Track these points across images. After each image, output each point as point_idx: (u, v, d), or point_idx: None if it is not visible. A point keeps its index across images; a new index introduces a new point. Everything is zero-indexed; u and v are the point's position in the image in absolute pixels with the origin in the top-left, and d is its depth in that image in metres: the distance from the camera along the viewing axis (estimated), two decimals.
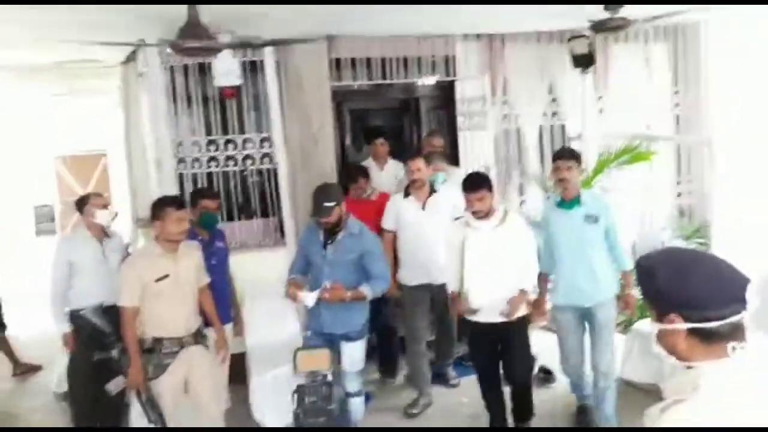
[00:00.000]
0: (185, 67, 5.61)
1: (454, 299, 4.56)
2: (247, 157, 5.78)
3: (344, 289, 4.13)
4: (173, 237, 4.08)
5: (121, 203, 6.10)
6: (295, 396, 2.94)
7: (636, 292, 4.30)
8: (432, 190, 5.22)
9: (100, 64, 6.35)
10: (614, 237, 4.57)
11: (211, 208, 4.67)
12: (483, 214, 4.30)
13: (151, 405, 4.03)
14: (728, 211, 5.98)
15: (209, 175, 5.71)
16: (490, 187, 4.35)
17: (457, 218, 4.74)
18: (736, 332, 1.59)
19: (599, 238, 4.51)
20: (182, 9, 3.92)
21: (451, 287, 4.55)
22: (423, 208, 5.16)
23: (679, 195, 7.44)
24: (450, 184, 5.38)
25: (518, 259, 4.39)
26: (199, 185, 5.63)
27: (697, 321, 1.59)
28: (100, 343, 4.20)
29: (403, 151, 7.97)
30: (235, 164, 5.75)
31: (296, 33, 5.52)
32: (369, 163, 6.12)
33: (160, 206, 4.12)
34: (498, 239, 4.33)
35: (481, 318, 4.45)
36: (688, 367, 1.64)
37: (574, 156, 4.58)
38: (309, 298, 4.13)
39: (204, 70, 5.56)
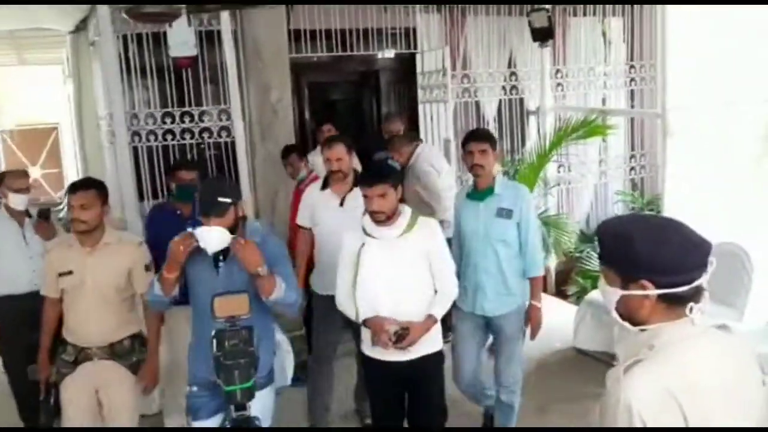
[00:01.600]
0: (139, 37, 5.27)
1: (368, 321, 3.32)
2: (204, 130, 5.49)
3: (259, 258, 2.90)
4: (75, 227, 3.37)
5: (73, 178, 5.78)
6: (214, 341, 2.59)
7: (540, 304, 3.84)
8: (356, 183, 4.10)
9: (49, 33, 5.98)
10: (528, 235, 3.81)
11: (186, 179, 4.23)
12: (384, 218, 3.23)
13: (47, 407, 3.55)
14: (679, 185, 5.91)
15: (165, 148, 5.40)
16: (396, 181, 3.27)
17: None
18: (697, 295, 1.63)
19: (512, 235, 3.79)
20: None
21: (350, 312, 3.37)
22: (341, 204, 4.17)
23: (632, 169, 7.44)
24: None
25: (427, 279, 3.35)
26: (154, 159, 5.35)
27: (666, 286, 1.60)
28: (33, 326, 3.67)
29: (362, 126, 7.88)
30: (192, 137, 5.45)
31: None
32: (316, 155, 5.30)
33: (68, 191, 3.50)
34: (402, 252, 3.29)
35: (377, 353, 3.39)
36: (642, 330, 1.67)
37: (488, 138, 3.82)
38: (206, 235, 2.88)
39: (159, 40, 5.22)
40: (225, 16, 5.39)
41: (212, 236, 2.83)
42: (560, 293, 7.02)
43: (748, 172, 5.24)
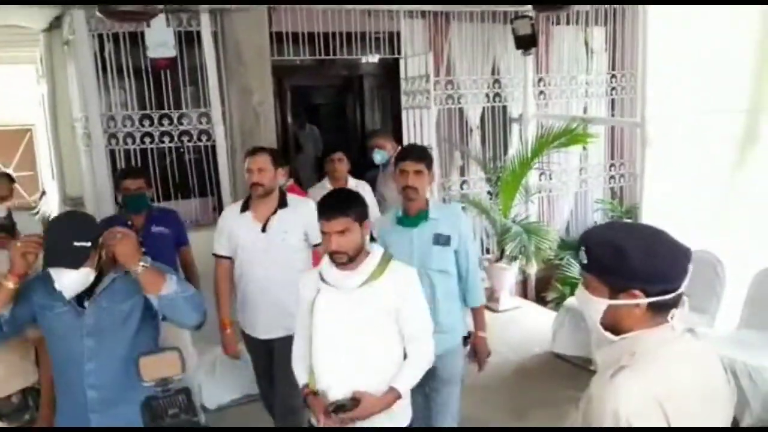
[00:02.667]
0: (115, 36, 5.02)
1: (307, 397, 2.70)
2: (183, 133, 5.25)
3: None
4: None
5: (48, 181, 5.52)
6: (147, 411, 2.00)
7: (485, 334, 3.49)
8: (282, 203, 3.62)
9: (22, 31, 5.67)
10: (468, 262, 3.39)
11: (131, 188, 3.95)
12: (346, 260, 2.55)
13: None
14: (656, 193, 5.98)
15: (143, 151, 5.16)
16: (360, 215, 2.58)
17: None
18: (679, 300, 1.65)
19: (451, 264, 3.35)
20: None
21: (300, 377, 2.78)
22: (263, 229, 3.56)
23: (612, 177, 7.42)
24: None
25: (396, 341, 2.67)
26: (133, 162, 5.11)
27: (656, 295, 1.61)
28: None
29: (346, 131, 7.69)
30: (171, 140, 5.21)
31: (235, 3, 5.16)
32: (322, 185, 4.85)
33: None
34: (365, 306, 2.59)
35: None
36: (622, 339, 1.67)
37: (425, 157, 3.34)
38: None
39: (136, 40, 5.01)
40: (205, 16, 5.21)
41: (70, 278, 2.26)
42: (540, 299, 7.00)
43: (724, 181, 5.23)
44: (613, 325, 1.67)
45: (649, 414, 1.54)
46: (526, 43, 6.25)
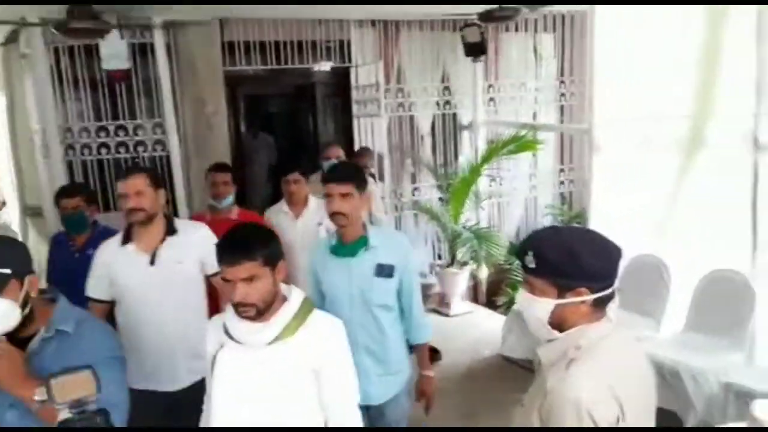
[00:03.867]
0: (71, 49, 5.43)
1: None
2: (139, 143, 5.68)
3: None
4: None
5: (8, 193, 5.87)
6: None
7: (431, 372, 3.36)
8: (170, 229, 3.28)
9: None
10: (412, 295, 3.18)
11: (68, 207, 3.99)
12: (253, 313, 2.22)
13: None
14: (603, 198, 6.18)
15: (100, 162, 5.57)
16: (269, 256, 2.24)
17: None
18: (614, 294, 1.90)
19: (392, 299, 3.15)
20: None
21: None
22: (152, 261, 3.23)
23: (561, 183, 7.82)
24: None
25: (316, 410, 2.36)
26: (89, 173, 5.51)
27: (599, 291, 1.85)
28: None
29: (299, 140, 8.03)
30: (127, 151, 5.64)
31: (187, 15, 5.53)
32: (279, 209, 4.76)
33: None
34: (277, 368, 2.27)
35: None
36: (567, 335, 1.88)
37: (353, 178, 3.05)
38: None
39: (91, 52, 5.40)
40: (158, 29, 5.58)
41: None
42: (490, 303, 7.32)
43: (670, 186, 5.42)
44: (560, 323, 1.87)
45: (605, 400, 1.74)
46: (475, 50, 6.59)
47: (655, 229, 5.40)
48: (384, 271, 3.08)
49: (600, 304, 1.86)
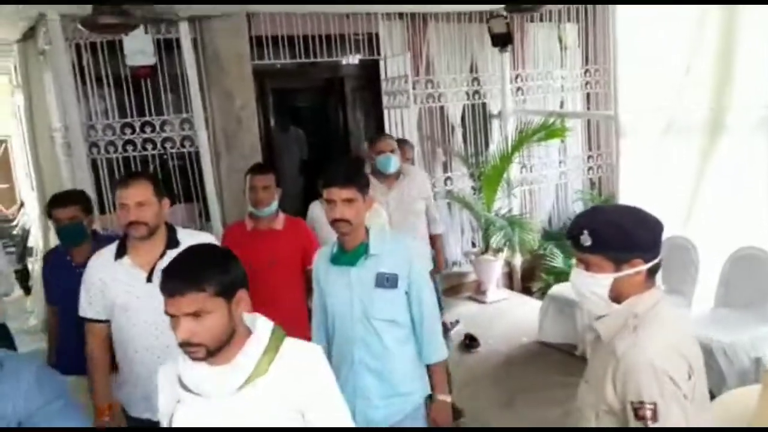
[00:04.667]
0: (93, 45, 4.68)
1: None
2: (166, 139, 4.92)
3: None
4: None
5: (27, 192, 5.14)
6: None
7: (447, 397, 2.70)
8: (172, 242, 2.65)
9: None
10: (422, 307, 2.58)
11: (62, 218, 3.21)
12: (203, 354, 1.62)
13: None
14: (632, 182, 5.98)
15: (126, 159, 4.82)
16: (221, 283, 1.63)
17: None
18: (660, 263, 1.83)
19: (401, 311, 2.56)
20: None
21: None
22: (149, 278, 2.59)
23: (589, 169, 7.24)
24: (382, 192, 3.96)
25: None
26: (115, 171, 4.77)
27: (651, 260, 1.79)
28: None
29: (328, 134, 7.38)
30: (154, 148, 4.87)
31: (214, 10, 4.84)
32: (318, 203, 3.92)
33: None
34: (250, 421, 1.68)
35: None
36: (625, 306, 1.79)
37: (356, 181, 2.49)
38: None
39: (114, 48, 4.68)
40: (183, 24, 4.89)
41: None
42: (526, 290, 6.84)
43: (694, 169, 5.14)
44: (618, 295, 1.80)
45: (676, 359, 1.69)
46: (501, 41, 6.14)
47: (681, 211, 5.10)
48: (385, 281, 2.51)
49: (652, 274, 1.82)
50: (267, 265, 3.27)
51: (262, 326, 1.72)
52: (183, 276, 1.60)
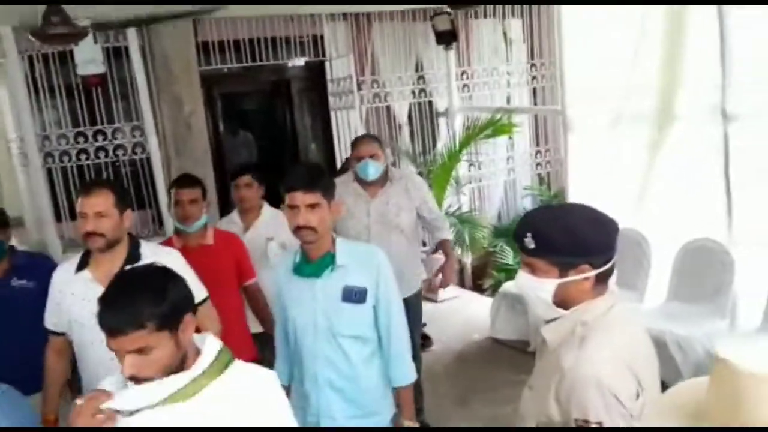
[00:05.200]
0: (45, 56, 5.32)
1: None
2: (118, 147, 5.59)
3: None
4: None
5: None
6: None
7: (414, 423, 2.76)
8: (133, 255, 2.71)
9: None
10: (391, 323, 2.63)
11: None
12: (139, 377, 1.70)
13: None
14: (580, 177, 6.25)
15: (80, 168, 5.47)
16: (164, 316, 1.68)
17: None
18: (614, 268, 1.85)
19: (368, 326, 2.61)
20: None
21: None
22: None
23: (537, 164, 7.80)
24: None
25: None
26: (70, 180, 5.42)
27: (601, 266, 1.80)
28: None
29: (276, 137, 7.89)
30: (107, 156, 5.54)
31: (159, 15, 5.42)
32: (231, 219, 4.21)
33: None
34: None
35: None
36: (573, 311, 1.82)
37: (320, 184, 2.51)
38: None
39: (65, 58, 5.32)
40: (131, 32, 5.52)
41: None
42: (477, 287, 7.27)
43: (643, 161, 5.43)
44: (564, 301, 1.82)
45: (623, 375, 1.70)
46: (446, 38, 6.64)
47: (632, 203, 5.40)
48: (353, 295, 2.53)
49: (602, 279, 1.83)
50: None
51: (208, 348, 1.78)
52: (120, 314, 1.64)
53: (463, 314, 6.61)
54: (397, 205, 4.12)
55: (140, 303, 1.64)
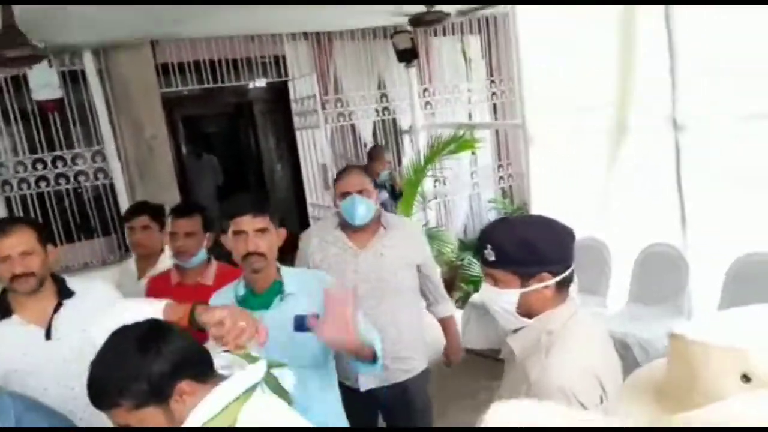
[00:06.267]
0: None
1: None
2: (79, 173, 5.24)
3: None
4: None
5: None
6: None
7: None
8: (64, 291, 2.43)
9: None
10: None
11: None
12: None
13: None
14: (542, 189, 6.32)
15: (40, 195, 5.11)
16: (148, 395, 1.47)
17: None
18: (573, 275, 1.83)
19: (322, 353, 2.36)
20: None
21: None
22: (48, 335, 2.37)
23: (500, 178, 7.72)
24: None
25: None
26: (30, 208, 5.05)
27: (560, 273, 1.79)
28: None
29: (242, 158, 7.69)
30: (68, 182, 5.19)
31: (117, 38, 5.12)
32: (126, 269, 3.65)
33: None
34: None
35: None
36: (536, 320, 1.80)
37: (266, 209, 2.33)
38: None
39: (19, 82, 4.96)
40: (87, 55, 5.23)
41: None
42: None
43: (601, 172, 5.46)
44: (527, 310, 1.81)
45: (589, 384, 1.70)
46: (407, 56, 6.54)
47: (592, 213, 5.40)
48: (304, 324, 2.22)
49: (562, 287, 1.82)
50: (193, 331, 2.70)
51: (228, 387, 1.55)
52: (92, 394, 1.48)
53: (433, 327, 6.41)
54: (394, 259, 3.09)
55: (109, 382, 1.45)
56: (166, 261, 3.39)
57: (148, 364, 1.44)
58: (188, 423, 1.47)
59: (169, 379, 1.45)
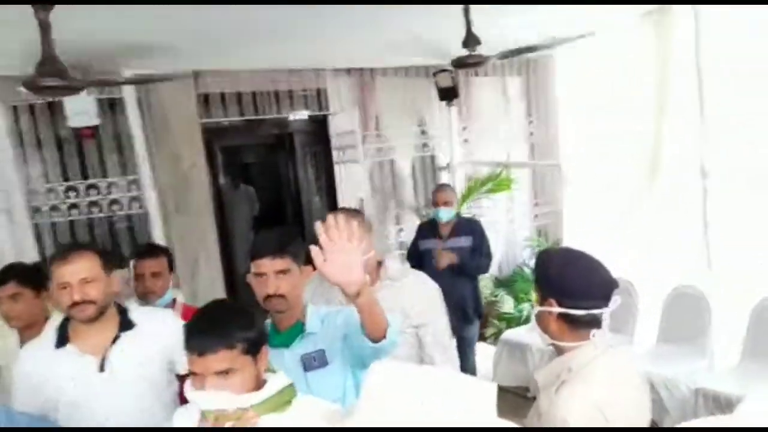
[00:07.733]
0: (31, 107, 4.49)
1: None
2: (113, 202, 4.75)
3: None
4: None
5: None
6: None
7: None
8: (125, 323, 2.24)
9: None
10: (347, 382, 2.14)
11: None
12: None
13: None
14: (577, 229, 6.19)
15: (72, 223, 4.62)
16: (254, 343, 1.66)
17: None
18: (594, 322, 1.76)
19: (338, 388, 2.13)
20: (31, 40, 2.67)
21: None
22: (102, 367, 2.18)
23: (536, 216, 7.28)
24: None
25: None
26: (59, 236, 4.57)
27: (568, 308, 1.75)
28: None
29: (280, 190, 7.26)
30: (101, 210, 4.70)
31: (159, 69, 4.64)
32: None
33: None
34: None
35: None
36: (558, 353, 1.79)
37: (287, 250, 2.11)
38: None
39: (54, 109, 4.50)
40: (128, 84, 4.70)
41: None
42: (480, 336, 6.51)
43: (634, 209, 5.36)
44: (544, 329, 1.81)
45: (591, 420, 1.64)
46: (448, 94, 6.23)
47: (622, 253, 5.19)
48: (312, 361, 2.10)
49: (574, 324, 1.76)
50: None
51: (272, 383, 1.66)
52: (211, 334, 1.56)
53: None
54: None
55: (231, 324, 1.60)
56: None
57: (256, 321, 1.66)
58: (268, 386, 1.62)
59: (264, 339, 1.68)
